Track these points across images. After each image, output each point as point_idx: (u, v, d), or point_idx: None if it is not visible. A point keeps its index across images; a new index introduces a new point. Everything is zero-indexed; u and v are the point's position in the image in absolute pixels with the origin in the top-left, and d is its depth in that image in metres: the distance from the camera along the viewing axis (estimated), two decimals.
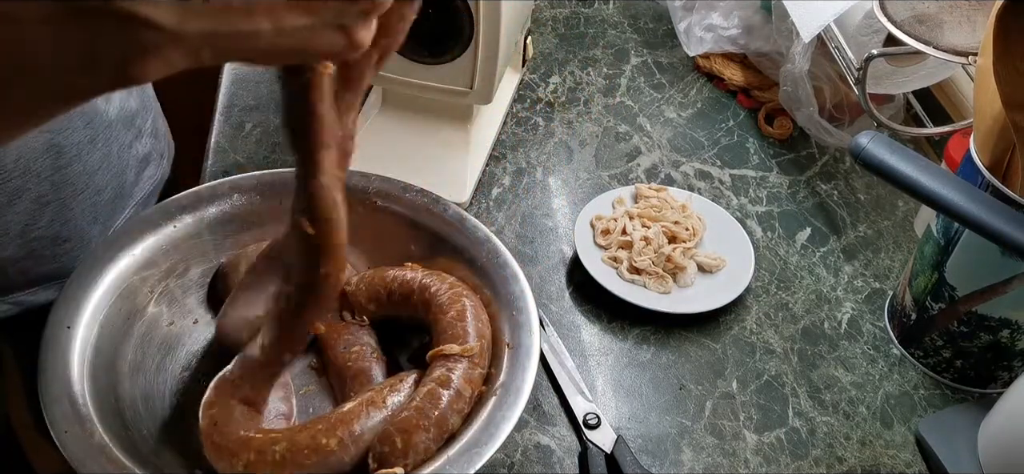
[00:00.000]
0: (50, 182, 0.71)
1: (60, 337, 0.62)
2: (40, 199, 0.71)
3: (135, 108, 0.81)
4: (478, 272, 0.70)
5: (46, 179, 0.71)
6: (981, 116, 0.68)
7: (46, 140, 0.69)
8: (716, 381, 0.76)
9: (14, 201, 0.70)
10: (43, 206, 0.72)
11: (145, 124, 0.85)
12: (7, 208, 0.69)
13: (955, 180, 0.65)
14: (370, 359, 0.67)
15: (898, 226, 0.93)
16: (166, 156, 0.91)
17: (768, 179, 0.97)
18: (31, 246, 0.73)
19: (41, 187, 0.71)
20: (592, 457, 0.69)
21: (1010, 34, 0.65)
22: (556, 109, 1.03)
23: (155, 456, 0.60)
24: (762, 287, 0.85)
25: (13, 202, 0.70)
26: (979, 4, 0.80)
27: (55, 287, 0.76)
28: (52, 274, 0.76)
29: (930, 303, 0.76)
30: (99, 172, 0.76)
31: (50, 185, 0.71)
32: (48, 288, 0.77)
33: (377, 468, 0.57)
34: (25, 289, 0.76)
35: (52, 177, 0.71)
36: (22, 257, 0.73)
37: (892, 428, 0.74)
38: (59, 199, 0.73)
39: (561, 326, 0.79)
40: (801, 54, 0.94)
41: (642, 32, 1.17)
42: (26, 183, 0.69)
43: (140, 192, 0.85)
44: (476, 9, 0.79)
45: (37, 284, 0.76)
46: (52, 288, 0.77)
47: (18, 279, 0.75)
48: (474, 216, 0.75)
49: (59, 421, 0.57)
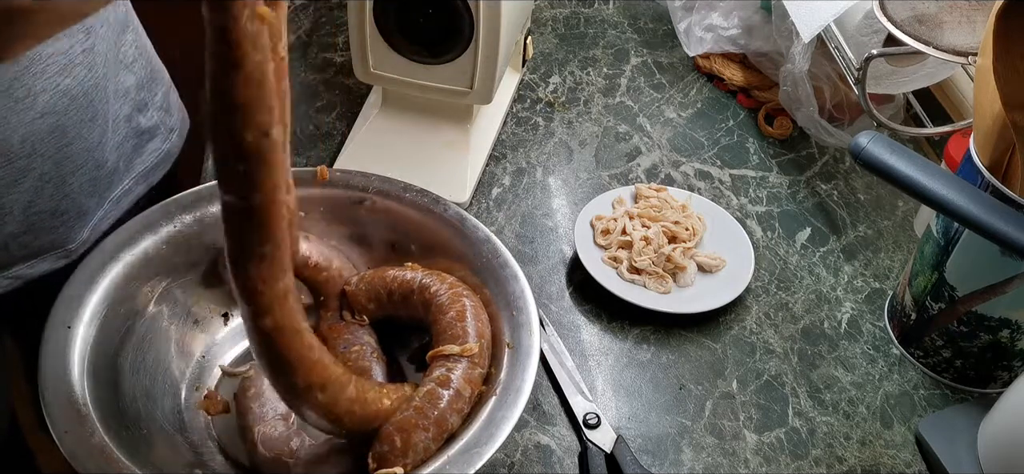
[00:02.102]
0: (53, 161, 0.72)
1: (60, 337, 0.62)
2: (43, 177, 0.72)
3: (134, 82, 0.81)
4: (478, 272, 0.70)
5: (49, 159, 0.71)
6: (981, 116, 0.68)
7: (52, 122, 0.70)
8: (716, 381, 0.76)
9: (20, 181, 0.70)
10: (45, 183, 0.72)
11: (154, 98, 0.85)
12: (12, 187, 0.70)
13: (955, 180, 0.65)
14: (370, 359, 0.67)
15: (898, 226, 0.93)
16: (178, 131, 0.92)
17: (768, 179, 0.97)
18: (31, 221, 0.74)
19: (45, 166, 0.71)
20: (592, 457, 0.69)
21: (1010, 34, 0.65)
22: (556, 109, 1.03)
23: (155, 456, 0.60)
24: (762, 287, 0.85)
25: (18, 182, 0.70)
26: (979, 4, 0.80)
27: (52, 258, 0.77)
28: (48, 246, 0.77)
29: (930, 303, 0.76)
30: (98, 148, 0.76)
31: (53, 164, 0.72)
32: (44, 259, 0.77)
33: (377, 468, 0.58)
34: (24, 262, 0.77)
35: (54, 156, 0.72)
36: (23, 232, 0.74)
37: (892, 428, 0.74)
38: (60, 176, 0.73)
39: (561, 326, 0.79)
40: (801, 54, 0.94)
41: (642, 32, 1.17)
42: (32, 163, 0.70)
43: (142, 164, 0.85)
44: (476, 9, 0.79)
45: (35, 256, 0.77)
46: (49, 259, 0.77)
47: (18, 253, 0.75)
48: (474, 216, 0.75)
49: (59, 421, 0.57)
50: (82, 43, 0.71)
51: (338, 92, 1.02)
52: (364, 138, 0.92)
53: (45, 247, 0.77)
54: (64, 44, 0.69)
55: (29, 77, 0.66)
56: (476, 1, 0.79)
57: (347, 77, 1.03)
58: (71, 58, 0.70)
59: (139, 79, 0.82)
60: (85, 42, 0.71)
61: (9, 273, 0.76)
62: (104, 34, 0.74)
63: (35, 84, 0.67)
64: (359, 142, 0.92)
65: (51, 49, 0.68)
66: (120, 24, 0.78)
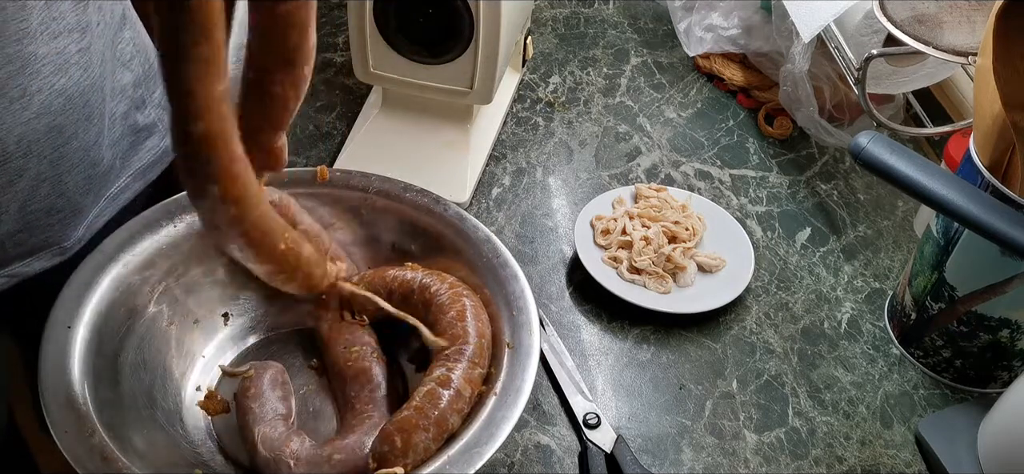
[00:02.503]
0: (49, 160, 0.72)
1: (60, 337, 0.62)
2: (39, 176, 0.72)
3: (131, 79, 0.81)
4: (478, 272, 0.70)
5: (46, 158, 0.71)
6: (981, 116, 0.68)
7: (48, 122, 0.70)
8: (716, 381, 0.76)
9: (15, 181, 0.70)
10: (41, 182, 0.72)
11: (152, 95, 0.85)
12: (8, 187, 0.70)
13: (955, 180, 0.65)
14: (370, 359, 0.67)
15: (898, 226, 0.93)
16: None
17: (768, 179, 0.97)
18: (27, 219, 0.73)
19: (41, 166, 0.71)
20: (592, 457, 0.69)
21: (1010, 34, 0.65)
22: (556, 109, 1.04)
23: (155, 456, 0.60)
24: (762, 287, 0.85)
25: (14, 182, 0.70)
26: (979, 4, 0.80)
27: (47, 255, 0.77)
28: (44, 244, 0.77)
29: (930, 303, 0.76)
30: (95, 146, 0.76)
31: (49, 163, 0.72)
32: (40, 257, 0.77)
33: (377, 468, 0.57)
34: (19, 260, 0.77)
35: (51, 156, 0.71)
36: (18, 230, 0.74)
37: (892, 428, 0.74)
38: (56, 175, 0.73)
39: (561, 326, 0.80)
40: (801, 54, 0.94)
41: (642, 32, 1.17)
42: (27, 164, 0.70)
43: (139, 162, 0.84)
44: (476, 9, 0.79)
45: (31, 254, 0.77)
46: (44, 257, 0.77)
47: (13, 251, 0.75)
48: (474, 216, 0.75)
49: (59, 421, 0.57)
50: (78, 43, 0.70)
51: (338, 92, 1.02)
52: (364, 138, 0.92)
53: (40, 245, 0.77)
54: (60, 44, 0.68)
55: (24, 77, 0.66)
56: (476, 1, 0.79)
57: (347, 77, 1.03)
58: (67, 58, 0.69)
59: (137, 76, 0.82)
60: (81, 41, 0.71)
61: (5, 271, 0.76)
62: (101, 33, 0.74)
63: (30, 84, 0.67)
64: (359, 142, 0.92)
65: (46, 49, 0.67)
66: (118, 22, 0.78)
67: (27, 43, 0.65)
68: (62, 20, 0.67)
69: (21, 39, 0.64)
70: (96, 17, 0.73)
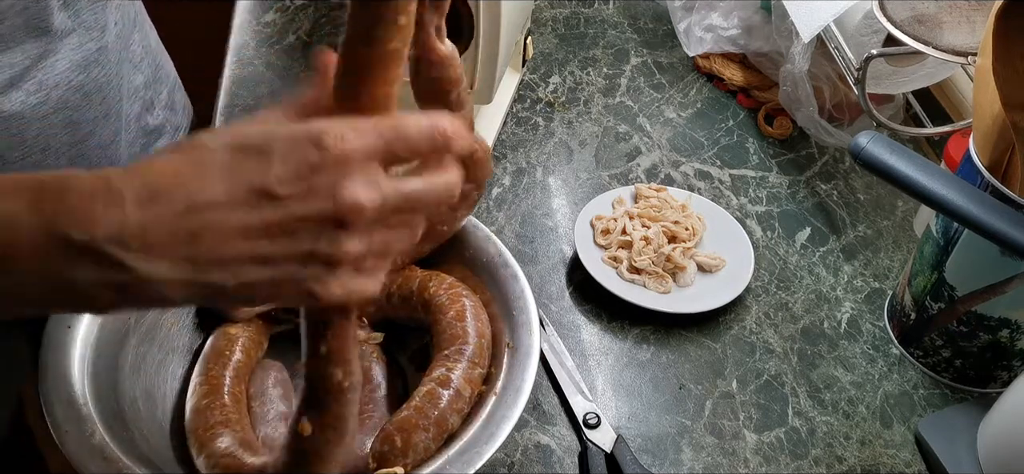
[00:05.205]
0: (67, 157, 0.72)
1: (60, 337, 0.62)
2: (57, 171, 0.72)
3: (142, 81, 0.82)
4: (478, 272, 0.70)
5: (64, 155, 0.72)
6: (981, 116, 0.68)
7: (66, 117, 0.70)
8: (716, 381, 0.76)
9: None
10: None
11: (159, 96, 0.85)
12: None
13: (955, 180, 0.65)
14: (370, 359, 0.67)
15: (898, 226, 0.93)
16: (184, 128, 0.92)
17: (768, 179, 0.97)
18: None
19: (59, 162, 0.71)
20: (592, 457, 0.69)
21: (1010, 34, 0.65)
22: (556, 109, 1.04)
23: (155, 456, 0.60)
24: (762, 287, 0.85)
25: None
26: (979, 4, 0.81)
27: None
28: None
29: (930, 303, 0.76)
30: (112, 145, 0.77)
31: (67, 160, 0.72)
32: None
33: (377, 467, 0.58)
34: None
35: (69, 152, 0.72)
36: None
37: (892, 428, 0.74)
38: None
39: (561, 326, 0.80)
40: (801, 54, 0.94)
41: (642, 32, 1.17)
42: (45, 159, 0.70)
43: None
44: (476, 9, 0.79)
45: None
46: None
47: None
48: (474, 216, 0.75)
49: (59, 421, 0.57)
50: (97, 41, 0.71)
51: None
52: None
53: None
54: (76, 39, 0.69)
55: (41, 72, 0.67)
56: (476, 1, 0.79)
57: None
58: (85, 55, 0.70)
59: (146, 78, 0.83)
60: (101, 40, 0.72)
61: None
62: (118, 32, 0.75)
63: (47, 79, 0.68)
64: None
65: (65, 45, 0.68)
66: (131, 22, 0.79)
67: (46, 41, 0.65)
68: (80, 17, 0.68)
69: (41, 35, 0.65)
70: (115, 16, 0.74)
